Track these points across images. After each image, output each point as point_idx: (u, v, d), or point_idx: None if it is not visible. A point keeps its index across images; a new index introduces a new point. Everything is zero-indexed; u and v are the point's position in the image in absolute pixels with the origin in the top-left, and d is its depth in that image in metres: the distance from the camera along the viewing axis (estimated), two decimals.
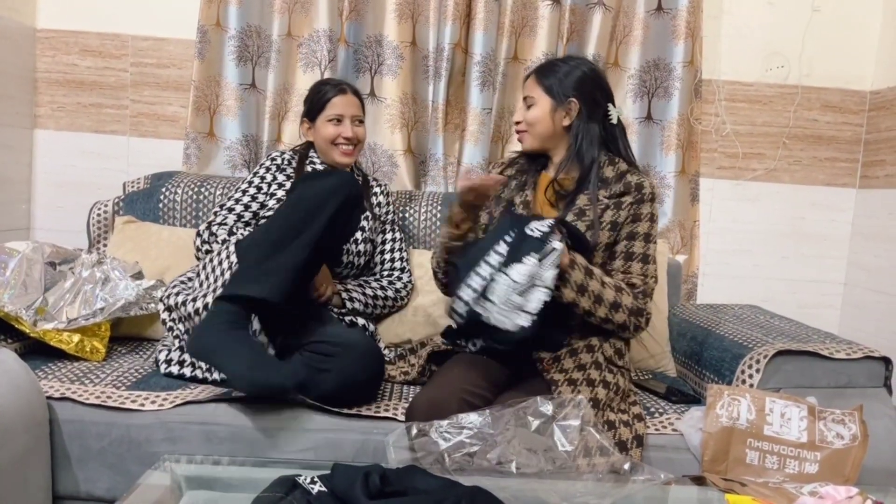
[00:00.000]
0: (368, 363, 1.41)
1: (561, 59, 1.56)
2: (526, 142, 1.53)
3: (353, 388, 1.38)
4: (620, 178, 1.46)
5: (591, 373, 1.34)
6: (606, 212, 1.43)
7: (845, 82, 2.30)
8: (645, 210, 1.44)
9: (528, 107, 1.51)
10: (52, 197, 2.27)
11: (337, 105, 1.75)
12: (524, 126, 1.52)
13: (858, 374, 1.43)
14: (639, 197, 1.44)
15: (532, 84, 1.51)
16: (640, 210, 1.44)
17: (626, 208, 1.43)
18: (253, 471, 1.08)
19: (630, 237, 1.44)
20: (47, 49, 2.21)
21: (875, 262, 2.22)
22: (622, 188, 1.45)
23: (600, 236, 1.42)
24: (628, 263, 1.42)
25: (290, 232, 1.37)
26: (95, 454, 1.29)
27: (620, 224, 1.43)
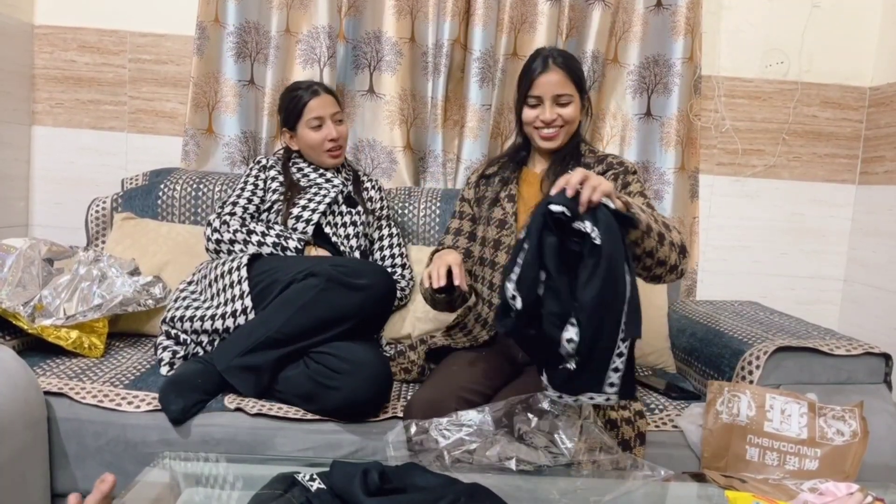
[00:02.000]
0: (378, 385, 1.34)
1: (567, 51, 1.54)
2: (558, 140, 1.47)
3: (358, 407, 1.34)
4: (602, 161, 1.47)
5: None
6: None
7: (845, 78, 2.30)
8: (631, 179, 1.43)
9: (562, 104, 1.44)
10: (50, 193, 2.26)
11: (314, 108, 1.74)
12: (560, 123, 1.45)
13: (858, 371, 1.43)
14: (622, 170, 1.44)
15: (566, 81, 1.44)
16: (626, 180, 1.43)
17: (611, 179, 1.42)
18: (251, 468, 1.08)
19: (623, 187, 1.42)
20: (45, 45, 2.20)
21: (874, 258, 2.22)
22: (605, 167, 1.45)
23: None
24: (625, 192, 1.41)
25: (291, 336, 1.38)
26: (93, 452, 1.29)
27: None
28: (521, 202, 1.50)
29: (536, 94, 1.43)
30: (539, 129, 1.46)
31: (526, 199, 1.50)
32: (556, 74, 1.43)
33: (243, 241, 1.60)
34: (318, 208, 1.68)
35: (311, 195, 1.72)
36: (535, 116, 1.45)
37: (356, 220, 1.76)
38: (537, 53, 1.48)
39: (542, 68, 1.43)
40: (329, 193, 1.72)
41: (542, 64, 1.43)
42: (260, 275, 1.47)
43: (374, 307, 1.44)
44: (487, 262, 1.49)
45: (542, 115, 1.44)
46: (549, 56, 1.44)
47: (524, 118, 1.48)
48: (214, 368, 1.38)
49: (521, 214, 1.48)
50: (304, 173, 1.79)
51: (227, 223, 1.63)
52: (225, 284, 1.49)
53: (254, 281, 1.47)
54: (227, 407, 1.32)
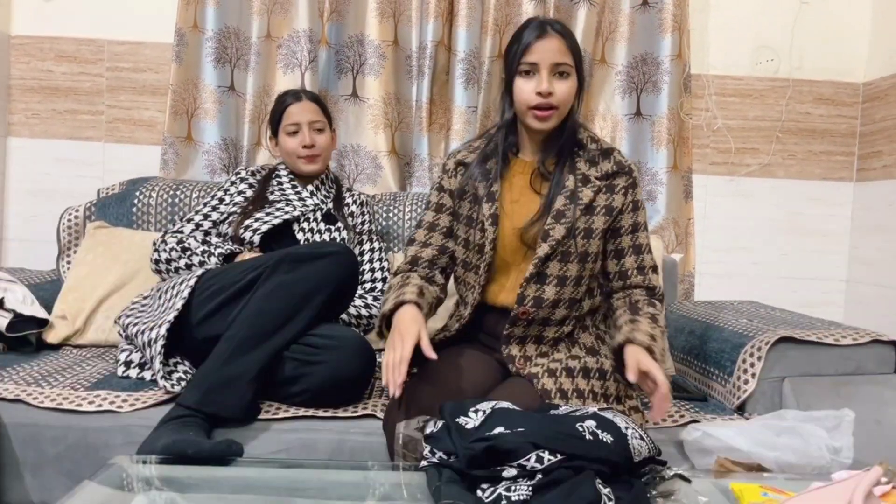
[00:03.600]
0: (361, 359, 1.33)
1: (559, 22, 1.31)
2: (552, 121, 1.26)
3: (342, 384, 1.31)
4: (608, 156, 1.31)
5: (568, 363, 1.24)
6: (599, 195, 1.28)
7: (837, 74, 2.26)
8: (639, 196, 1.32)
9: (561, 75, 1.24)
10: (25, 206, 2.19)
11: (293, 114, 1.71)
12: (555, 101, 1.24)
13: (867, 360, 1.35)
14: (631, 181, 1.30)
15: (565, 49, 1.24)
16: (635, 197, 1.31)
17: (621, 193, 1.28)
18: (213, 471, 0.99)
19: (634, 229, 1.30)
20: (22, 55, 2.16)
21: (877, 256, 2.15)
22: (614, 167, 1.30)
23: (595, 222, 1.27)
24: (640, 258, 1.30)
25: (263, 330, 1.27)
26: (51, 460, 1.20)
27: (617, 210, 1.28)
28: (506, 197, 1.31)
29: (532, 60, 1.22)
30: (534, 107, 1.24)
31: (514, 192, 1.32)
32: (556, 41, 1.23)
33: (178, 258, 1.55)
34: (273, 221, 1.63)
35: (273, 209, 1.66)
36: (531, 89, 1.23)
37: (336, 238, 1.70)
38: (530, 21, 1.30)
39: (540, 32, 1.23)
40: (294, 212, 1.67)
41: (539, 28, 1.24)
42: (207, 281, 1.38)
43: (343, 272, 1.36)
44: (472, 266, 1.32)
45: (539, 85, 1.22)
46: (546, 22, 1.26)
47: (517, 91, 1.25)
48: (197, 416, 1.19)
49: (507, 215, 1.29)
50: (281, 188, 1.74)
51: (165, 241, 1.59)
52: (171, 295, 1.41)
53: (199, 289, 1.37)
54: None
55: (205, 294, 1.37)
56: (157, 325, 1.33)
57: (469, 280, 1.33)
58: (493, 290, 1.31)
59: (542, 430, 0.93)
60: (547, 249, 1.24)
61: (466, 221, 1.32)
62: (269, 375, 1.28)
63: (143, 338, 1.35)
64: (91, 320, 1.67)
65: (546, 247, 1.24)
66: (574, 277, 1.27)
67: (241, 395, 1.23)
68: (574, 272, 1.26)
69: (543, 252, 1.24)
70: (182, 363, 1.37)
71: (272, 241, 1.63)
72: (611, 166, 1.30)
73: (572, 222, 1.25)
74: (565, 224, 1.24)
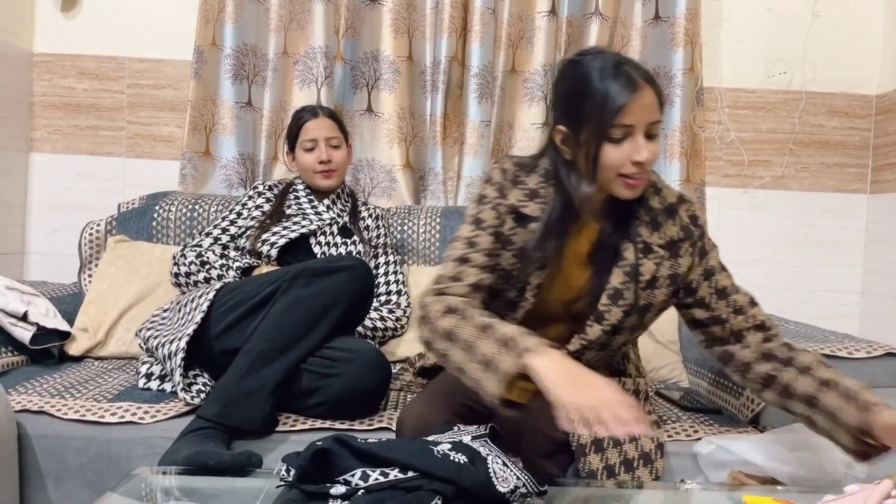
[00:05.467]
0: (377, 371, 1.35)
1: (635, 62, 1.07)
2: (641, 187, 1.07)
3: (359, 397, 1.33)
4: (672, 214, 1.13)
5: None
6: (662, 265, 1.12)
7: (850, 86, 2.26)
8: (706, 240, 1.17)
9: (653, 136, 1.03)
10: (47, 220, 2.24)
11: (310, 130, 1.74)
12: (651, 166, 1.05)
13: (881, 373, 1.34)
14: (699, 233, 1.15)
15: (657, 103, 1.03)
16: (702, 244, 1.16)
17: (687, 254, 1.14)
18: (233, 482, 1.01)
19: (708, 275, 1.16)
20: (44, 73, 2.22)
21: (892, 268, 2.14)
22: (680, 233, 1.13)
23: (656, 296, 1.14)
24: (731, 299, 1.17)
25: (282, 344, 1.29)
26: (74, 471, 1.22)
27: (683, 274, 1.15)
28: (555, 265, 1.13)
29: (628, 122, 1.00)
30: (625, 175, 1.03)
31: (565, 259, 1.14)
32: (649, 93, 1.01)
33: (196, 271, 1.58)
34: (290, 235, 1.65)
35: (290, 223, 1.69)
36: (624, 156, 1.01)
37: (351, 251, 1.73)
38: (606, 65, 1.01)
39: (632, 87, 0.99)
40: (310, 226, 1.69)
41: (629, 82, 0.99)
42: (226, 295, 1.41)
43: (359, 285, 1.38)
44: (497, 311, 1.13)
45: (638, 153, 1.01)
46: (632, 70, 1.02)
47: (609, 160, 1.02)
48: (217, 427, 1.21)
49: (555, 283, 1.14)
50: (298, 202, 1.77)
51: (184, 255, 1.62)
52: (190, 309, 1.44)
53: (217, 303, 1.40)
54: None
55: (223, 308, 1.40)
56: (176, 339, 1.36)
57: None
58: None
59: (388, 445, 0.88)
60: (599, 332, 1.12)
61: (502, 274, 1.13)
62: (287, 388, 1.31)
63: (164, 350, 1.38)
64: (112, 333, 1.71)
65: (598, 329, 1.12)
66: (620, 344, 1.19)
67: (259, 407, 1.25)
68: (621, 340, 1.18)
69: (595, 335, 1.13)
70: (201, 375, 1.40)
71: (289, 254, 1.66)
72: (676, 231, 1.13)
73: (632, 303, 1.11)
74: (623, 306, 1.11)
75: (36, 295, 1.65)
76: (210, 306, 1.39)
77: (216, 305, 1.40)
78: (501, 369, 0.90)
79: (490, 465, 0.88)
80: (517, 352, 0.90)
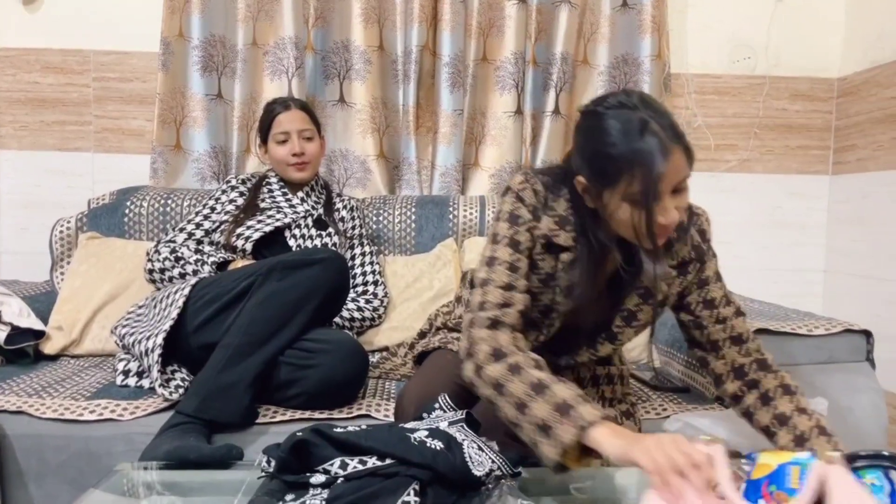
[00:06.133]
0: (354, 361, 1.38)
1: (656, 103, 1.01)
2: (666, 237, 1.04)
3: (337, 386, 1.35)
4: (684, 233, 1.14)
5: (581, 370, 1.28)
6: (674, 284, 1.15)
7: (813, 70, 2.32)
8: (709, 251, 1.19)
9: (680, 192, 0.99)
10: (16, 218, 2.21)
11: (282, 122, 1.74)
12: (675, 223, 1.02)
13: (840, 350, 1.40)
14: (706, 248, 1.17)
15: (685, 161, 0.97)
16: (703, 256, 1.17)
17: (695, 270, 1.16)
18: (215, 474, 1.03)
19: (701, 284, 1.17)
20: (8, 68, 2.18)
21: (853, 247, 2.22)
22: (691, 253, 1.15)
23: (665, 311, 1.21)
24: (716, 311, 1.16)
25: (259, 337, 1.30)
26: (55, 469, 1.23)
27: (687, 287, 1.17)
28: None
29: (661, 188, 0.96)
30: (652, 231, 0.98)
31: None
32: (679, 156, 0.96)
33: (171, 267, 1.59)
34: (264, 228, 1.66)
35: (264, 216, 1.70)
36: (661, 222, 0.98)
37: (327, 243, 1.74)
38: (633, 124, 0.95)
39: (664, 153, 0.94)
40: (285, 219, 1.70)
41: (661, 146, 0.94)
42: (201, 290, 1.42)
43: (334, 277, 1.40)
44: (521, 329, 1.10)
45: (664, 216, 0.97)
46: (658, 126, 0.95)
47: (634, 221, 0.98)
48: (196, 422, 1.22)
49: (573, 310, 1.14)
50: (272, 195, 1.77)
51: (158, 251, 1.62)
52: (166, 304, 1.44)
53: (193, 298, 1.41)
54: None
55: (199, 303, 1.40)
56: (153, 335, 1.37)
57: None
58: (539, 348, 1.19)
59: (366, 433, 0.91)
60: (610, 350, 1.20)
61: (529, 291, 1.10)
62: (266, 380, 1.32)
63: (140, 347, 1.39)
64: (87, 331, 1.70)
65: (609, 347, 1.18)
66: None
67: (238, 400, 1.26)
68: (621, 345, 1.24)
69: (606, 352, 1.20)
70: (179, 371, 1.41)
71: (264, 247, 1.67)
72: (687, 251, 1.14)
73: (644, 324, 1.17)
74: (636, 327, 1.16)
75: (9, 294, 1.63)
76: (186, 301, 1.40)
77: (192, 300, 1.40)
78: (560, 439, 0.89)
79: (466, 450, 0.91)
80: (575, 423, 0.88)
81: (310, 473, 0.87)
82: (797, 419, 1.05)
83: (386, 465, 0.87)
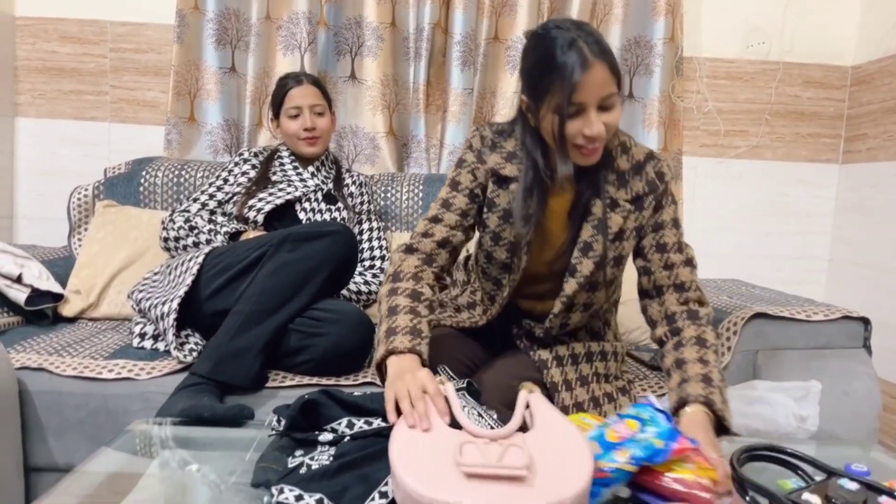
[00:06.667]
0: (360, 331, 1.41)
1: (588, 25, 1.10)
2: (598, 154, 1.12)
3: (343, 354, 1.40)
4: (639, 171, 1.19)
5: (575, 346, 1.32)
6: (629, 219, 1.19)
7: (827, 58, 2.31)
8: (668, 196, 1.21)
9: (608, 108, 1.08)
10: (34, 185, 2.26)
11: (294, 97, 1.77)
12: (604, 136, 1.09)
13: (837, 335, 1.43)
14: (663, 189, 1.19)
15: (610, 77, 1.06)
16: (661, 198, 1.20)
17: (650, 207, 1.20)
18: (227, 432, 1.07)
19: (657, 227, 1.20)
20: (27, 36, 2.21)
21: (858, 237, 2.23)
22: (645, 187, 1.18)
23: (625, 248, 1.21)
24: (666, 256, 1.19)
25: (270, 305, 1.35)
26: (73, 425, 1.28)
27: (644, 226, 1.21)
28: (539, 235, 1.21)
29: (580, 100, 1.05)
30: (581, 145, 1.10)
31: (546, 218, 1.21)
32: (601, 69, 1.04)
33: (185, 236, 1.62)
34: (276, 201, 1.69)
35: (276, 189, 1.73)
36: (577, 131, 1.08)
37: (336, 217, 1.77)
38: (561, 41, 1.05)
39: (584, 65, 1.03)
40: (295, 192, 1.73)
41: (582, 60, 1.03)
42: (214, 259, 1.46)
43: (344, 250, 1.43)
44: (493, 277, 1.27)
45: (588, 128, 1.06)
46: (584, 43, 1.04)
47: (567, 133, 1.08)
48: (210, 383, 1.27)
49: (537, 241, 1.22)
50: (283, 169, 1.80)
51: (173, 220, 1.65)
52: (181, 272, 1.49)
53: (207, 266, 1.45)
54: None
55: (212, 271, 1.45)
56: (168, 300, 1.41)
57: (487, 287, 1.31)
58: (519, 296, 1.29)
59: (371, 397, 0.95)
60: (575, 286, 1.20)
61: (493, 237, 1.23)
62: (276, 347, 1.37)
63: (156, 311, 1.43)
64: (104, 295, 1.75)
65: (574, 283, 1.20)
66: (601, 302, 1.27)
67: (249, 365, 1.31)
68: (602, 298, 1.25)
69: (572, 290, 1.20)
70: (193, 335, 1.46)
71: (275, 219, 1.71)
72: (642, 186, 1.19)
73: (601, 255, 1.18)
74: (593, 258, 1.18)
75: (28, 258, 1.68)
76: (200, 269, 1.44)
77: (206, 269, 1.45)
78: (377, 354, 1.08)
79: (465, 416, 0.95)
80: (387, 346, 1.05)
81: (318, 432, 0.91)
82: (691, 366, 1.09)
83: (390, 426, 0.91)
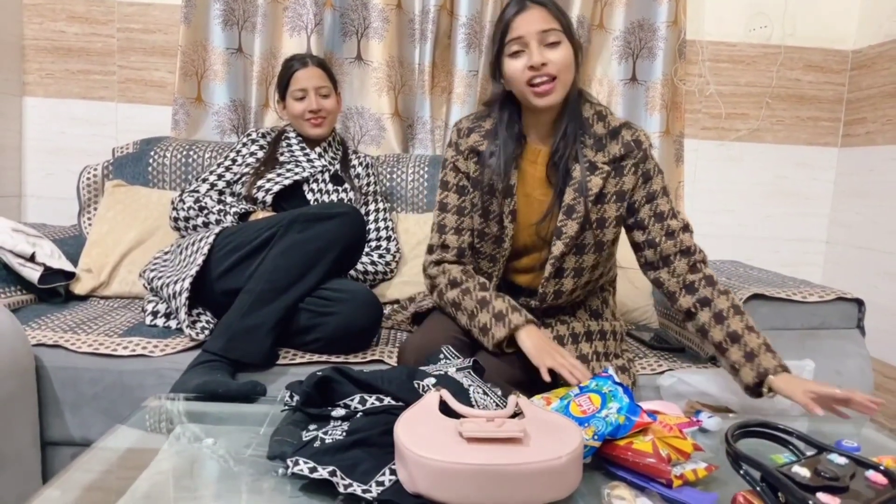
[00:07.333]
0: (369, 310, 1.44)
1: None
2: (555, 94, 1.19)
3: (352, 333, 1.43)
4: (615, 136, 1.26)
5: (575, 326, 1.36)
6: (609, 181, 1.26)
7: (828, 42, 2.32)
8: (651, 165, 1.28)
9: (551, 44, 1.18)
10: (42, 163, 2.28)
11: (300, 79, 1.78)
12: (553, 70, 1.17)
13: (832, 316, 1.47)
14: (641, 156, 1.26)
15: (549, 16, 1.18)
16: (647, 168, 1.27)
17: (630, 173, 1.26)
18: (242, 407, 1.11)
19: (650, 199, 1.28)
20: (34, 16, 2.21)
21: (856, 219, 2.26)
22: (622, 150, 1.25)
23: (607, 210, 1.27)
24: (665, 224, 1.27)
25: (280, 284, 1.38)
26: (89, 400, 1.32)
27: (628, 192, 1.28)
28: (520, 190, 1.30)
29: (517, 35, 1.17)
30: (532, 84, 1.19)
31: (527, 184, 1.30)
32: (537, 10, 1.18)
33: (195, 216, 1.65)
34: (284, 182, 1.72)
35: (283, 170, 1.76)
36: (522, 66, 1.18)
37: (343, 198, 1.80)
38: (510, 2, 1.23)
39: (519, 7, 1.19)
40: (303, 173, 1.76)
41: (518, 3, 1.20)
42: (225, 238, 1.49)
43: (352, 231, 1.47)
44: (487, 255, 1.35)
45: (531, 58, 1.17)
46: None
47: (509, 73, 1.21)
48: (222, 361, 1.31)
49: (522, 208, 1.30)
50: (290, 150, 1.82)
51: (183, 201, 1.68)
52: (191, 251, 1.52)
53: (217, 246, 1.48)
54: None
55: (223, 251, 1.48)
56: (180, 279, 1.45)
57: (484, 266, 1.37)
58: (512, 271, 1.36)
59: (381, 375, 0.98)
60: (562, 248, 1.26)
61: (482, 213, 1.31)
62: (286, 325, 1.41)
63: (168, 290, 1.47)
64: (115, 273, 1.79)
65: (560, 245, 1.26)
66: (591, 266, 1.31)
67: (260, 342, 1.35)
68: (590, 262, 1.30)
69: (559, 251, 1.26)
70: (204, 314, 1.49)
71: (283, 200, 1.73)
72: (619, 148, 1.25)
73: (584, 216, 1.24)
74: (577, 219, 1.24)
75: (40, 237, 1.71)
76: (210, 249, 1.47)
77: (216, 248, 1.48)
78: (496, 336, 1.21)
79: (472, 395, 0.99)
80: (506, 325, 1.21)
81: (331, 407, 0.95)
82: (747, 337, 1.20)
83: (400, 406, 0.95)
